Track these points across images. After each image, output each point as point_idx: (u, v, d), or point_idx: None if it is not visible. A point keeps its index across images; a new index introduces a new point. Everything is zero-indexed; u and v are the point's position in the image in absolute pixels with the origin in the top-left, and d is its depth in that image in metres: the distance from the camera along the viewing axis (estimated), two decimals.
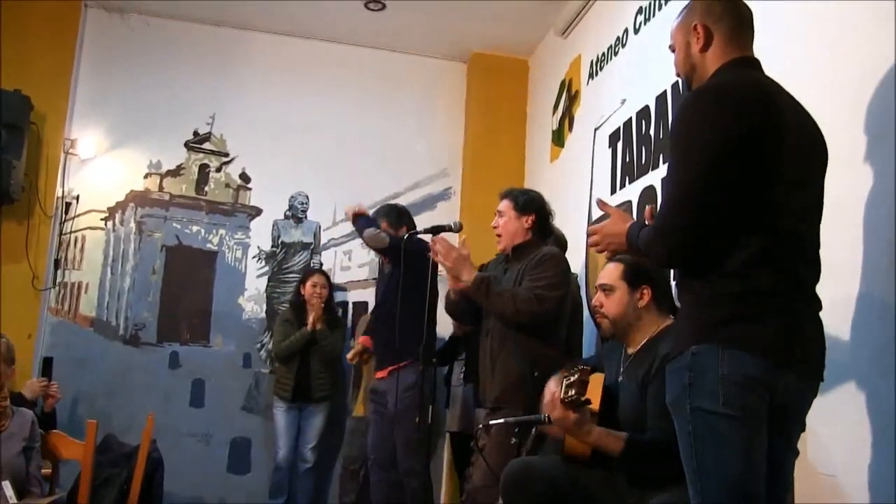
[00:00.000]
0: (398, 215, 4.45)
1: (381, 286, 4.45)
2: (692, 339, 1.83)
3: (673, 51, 2.13)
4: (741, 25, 2.03)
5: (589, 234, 2.16)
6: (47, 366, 2.93)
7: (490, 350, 3.35)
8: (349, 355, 4.77)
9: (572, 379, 2.36)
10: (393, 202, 4.94)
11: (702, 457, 1.79)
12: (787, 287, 1.83)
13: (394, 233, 4.26)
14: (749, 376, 1.77)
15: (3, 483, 2.02)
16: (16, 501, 2.03)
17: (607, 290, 2.66)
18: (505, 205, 3.47)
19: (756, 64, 2.02)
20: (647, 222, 2.08)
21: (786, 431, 1.90)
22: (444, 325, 4.75)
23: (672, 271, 2.43)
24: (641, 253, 2.00)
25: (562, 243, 3.86)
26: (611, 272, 2.68)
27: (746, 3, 2.11)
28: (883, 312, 2.28)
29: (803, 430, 1.96)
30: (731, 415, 1.76)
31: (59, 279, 5.31)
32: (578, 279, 4.33)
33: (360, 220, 4.28)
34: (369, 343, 4.58)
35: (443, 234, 3.44)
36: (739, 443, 1.77)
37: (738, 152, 1.80)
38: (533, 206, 3.46)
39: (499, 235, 3.47)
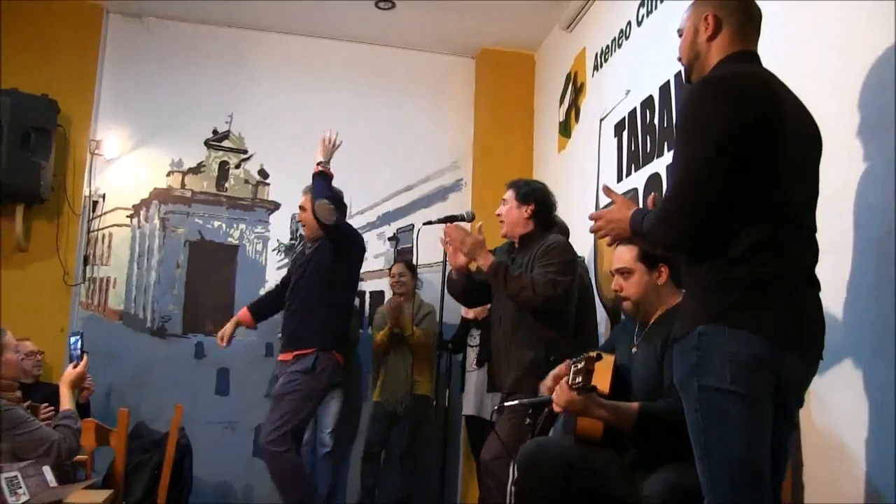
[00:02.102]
0: (336, 203, 4.22)
1: (296, 268, 4.27)
2: (699, 321, 1.83)
3: (680, 35, 2.13)
4: (750, 22, 2.04)
5: (593, 220, 2.16)
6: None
7: (503, 338, 3.37)
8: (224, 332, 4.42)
9: (579, 366, 2.38)
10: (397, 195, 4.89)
11: (710, 434, 1.80)
12: (790, 272, 1.84)
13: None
14: (756, 356, 1.77)
15: (44, 468, 2.07)
16: (56, 485, 2.08)
17: (625, 273, 2.65)
18: (508, 194, 3.51)
19: (757, 58, 2.03)
20: (650, 209, 2.09)
21: (788, 410, 1.92)
22: (455, 312, 4.77)
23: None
24: (645, 238, 2.00)
25: (564, 232, 3.87)
26: (625, 255, 2.67)
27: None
28: (878, 295, 2.30)
29: (801, 406, 1.98)
30: (738, 392, 1.77)
31: (88, 275, 5.36)
32: (586, 264, 4.34)
33: (320, 183, 4.01)
34: (247, 318, 4.40)
35: (456, 223, 3.47)
36: (746, 421, 1.77)
37: (740, 141, 1.81)
38: (533, 196, 3.48)
39: (502, 222, 3.51)
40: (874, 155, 2.38)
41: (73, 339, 3.00)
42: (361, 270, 5.12)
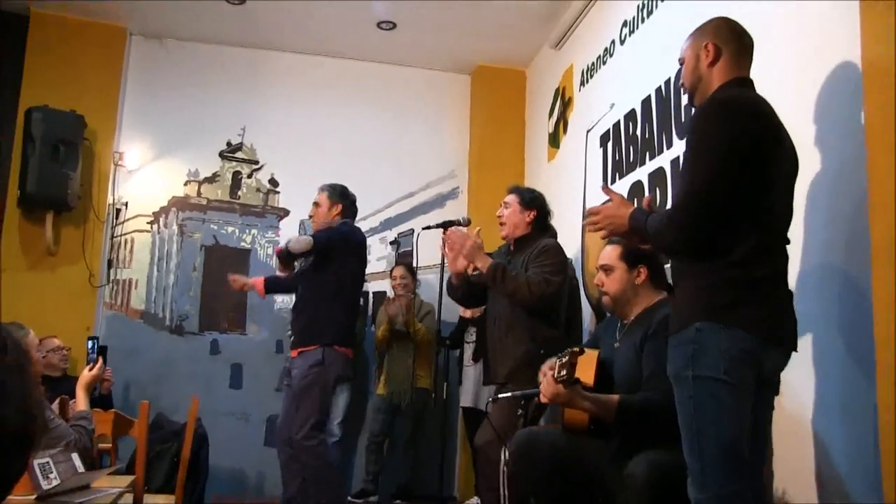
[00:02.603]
0: (340, 194, 4.17)
1: (305, 268, 4.18)
2: (696, 317, 1.89)
3: (681, 64, 2.20)
4: (744, 50, 2.13)
5: (590, 214, 2.20)
6: (103, 353, 2.97)
7: (497, 334, 3.38)
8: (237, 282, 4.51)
9: (563, 360, 2.40)
10: (402, 198, 4.84)
11: (701, 420, 1.86)
12: (776, 276, 1.93)
13: (327, 207, 4.11)
14: (746, 351, 1.84)
15: (73, 455, 2.09)
16: (84, 470, 2.10)
17: (607, 269, 2.67)
18: (511, 198, 3.50)
19: (751, 83, 2.11)
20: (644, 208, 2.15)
21: (768, 396, 2.00)
22: (452, 311, 4.79)
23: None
24: (644, 235, 2.05)
25: (553, 236, 3.90)
26: (610, 254, 2.69)
27: (710, 2, 2.25)
28: (823, 288, 2.35)
29: (777, 392, 2.04)
30: (730, 382, 1.84)
31: (112, 277, 5.38)
32: (574, 264, 4.36)
33: (284, 254, 3.87)
34: (261, 285, 4.43)
35: (453, 228, 3.47)
36: (735, 407, 1.85)
37: (741, 155, 1.88)
38: (536, 203, 3.51)
39: (502, 224, 3.50)
40: (829, 161, 2.41)
41: (89, 344, 3.00)
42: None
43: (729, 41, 2.11)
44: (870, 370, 2.11)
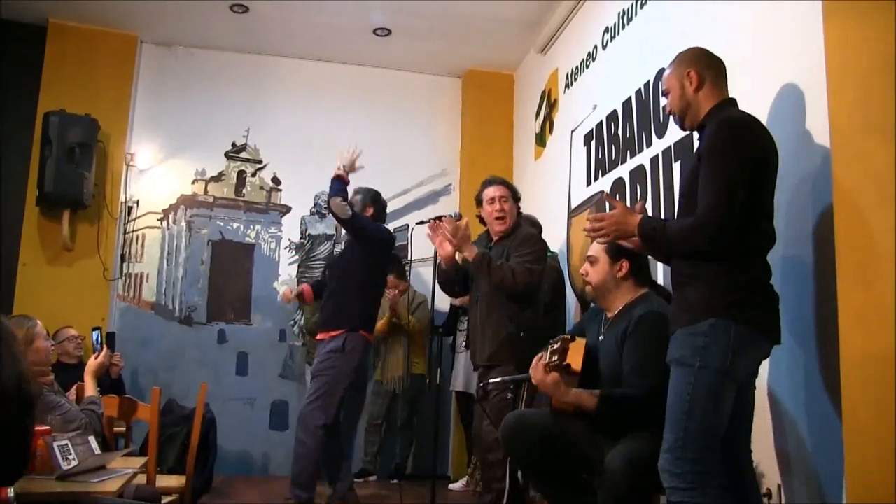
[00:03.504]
0: (372, 199, 4.11)
1: (336, 256, 4.09)
2: (709, 313, 1.95)
3: (665, 94, 2.24)
4: (721, 74, 2.20)
5: (595, 221, 2.22)
6: (111, 339, 2.96)
7: (480, 316, 3.37)
8: (284, 294, 4.40)
9: (555, 346, 2.39)
10: (397, 194, 4.78)
11: (694, 403, 1.92)
12: (769, 277, 2.02)
13: (359, 209, 4.01)
14: (749, 346, 1.95)
15: (90, 437, 2.09)
16: (100, 452, 2.10)
17: (592, 261, 2.68)
18: (506, 192, 3.46)
19: (736, 103, 2.17)
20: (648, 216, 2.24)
21: (752, 381, 2.11)
22: (444, 300, 4.78)
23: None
24: (656, 239, 2.09)
25: (535, 225, 3.91)
26: (596, 247, 2.70)
27: (688, 9, 2.37)
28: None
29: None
30: (731, 374, 1.93)
31: (124, 271, 5.38)
32: (560, 257, 4.37)
33: (336, 184, 3.88)
34: (308, 291, 4.25)
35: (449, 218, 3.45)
36: (725, 398, 1.93)
37: (754, 171, 1.96)
38: (518, 196, 3.51)
39: (503, 218, 3.42)
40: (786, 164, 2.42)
41: (94, 334, 2.97)
42: None
43: (708, 67, 2.16)
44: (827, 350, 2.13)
